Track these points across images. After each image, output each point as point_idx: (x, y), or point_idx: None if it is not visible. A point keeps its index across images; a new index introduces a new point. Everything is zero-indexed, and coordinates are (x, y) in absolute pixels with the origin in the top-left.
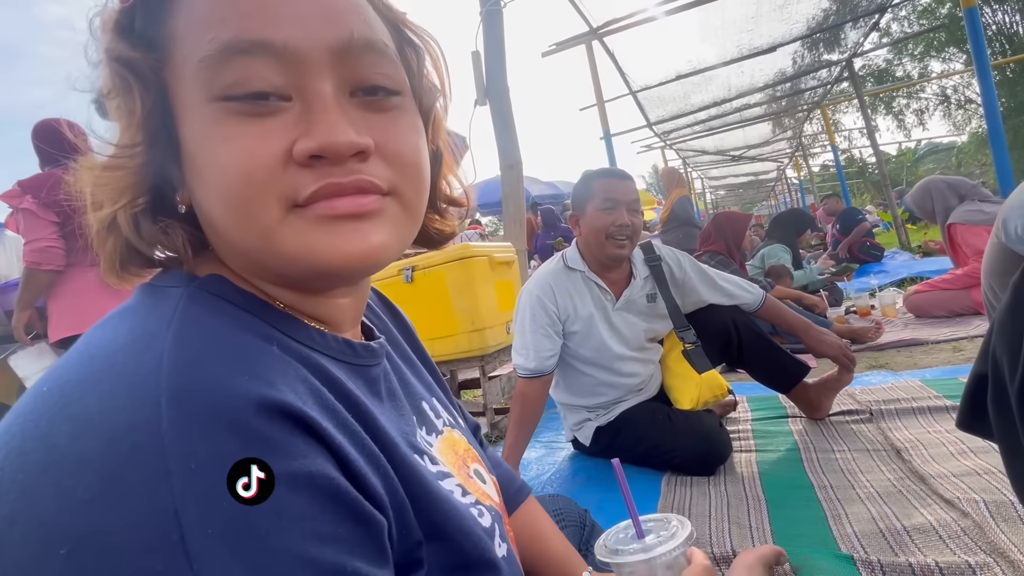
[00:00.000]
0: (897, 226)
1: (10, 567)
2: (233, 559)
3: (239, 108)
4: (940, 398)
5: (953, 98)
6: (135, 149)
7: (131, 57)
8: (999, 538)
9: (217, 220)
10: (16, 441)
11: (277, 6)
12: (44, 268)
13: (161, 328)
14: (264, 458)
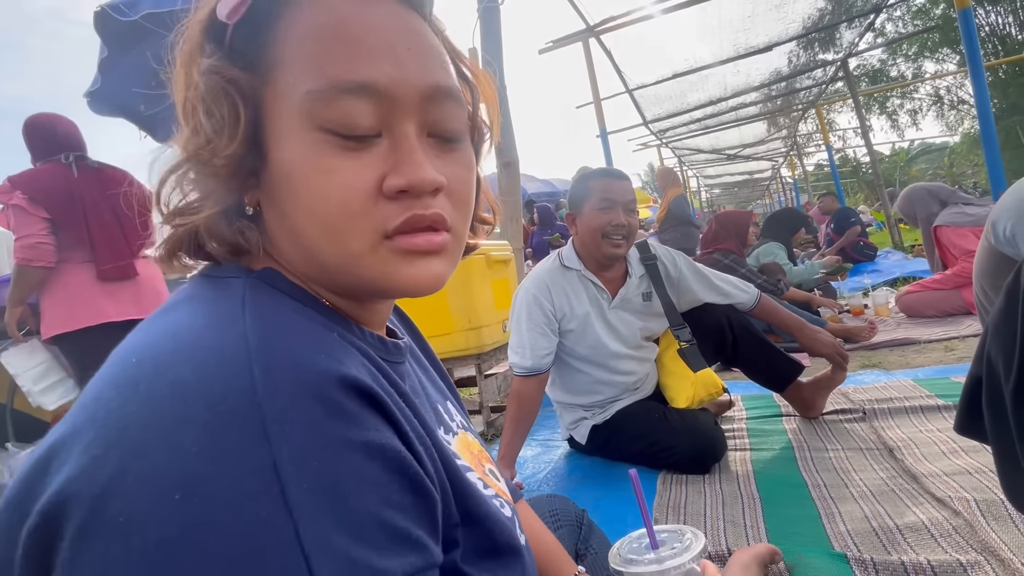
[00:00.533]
0: (890, 226)
1: (125, 511)
2: (323, 512)
3: (339, 142)
4: (932, 397)
5: (946, 99)
6: (231, 157)
7: (238, 77)
8: (990, 537)
9: (305, 236)
10: (115, 403)
11: (380, 51)
12: (35, 265)
13: (236, 310)
14: (344, 427)
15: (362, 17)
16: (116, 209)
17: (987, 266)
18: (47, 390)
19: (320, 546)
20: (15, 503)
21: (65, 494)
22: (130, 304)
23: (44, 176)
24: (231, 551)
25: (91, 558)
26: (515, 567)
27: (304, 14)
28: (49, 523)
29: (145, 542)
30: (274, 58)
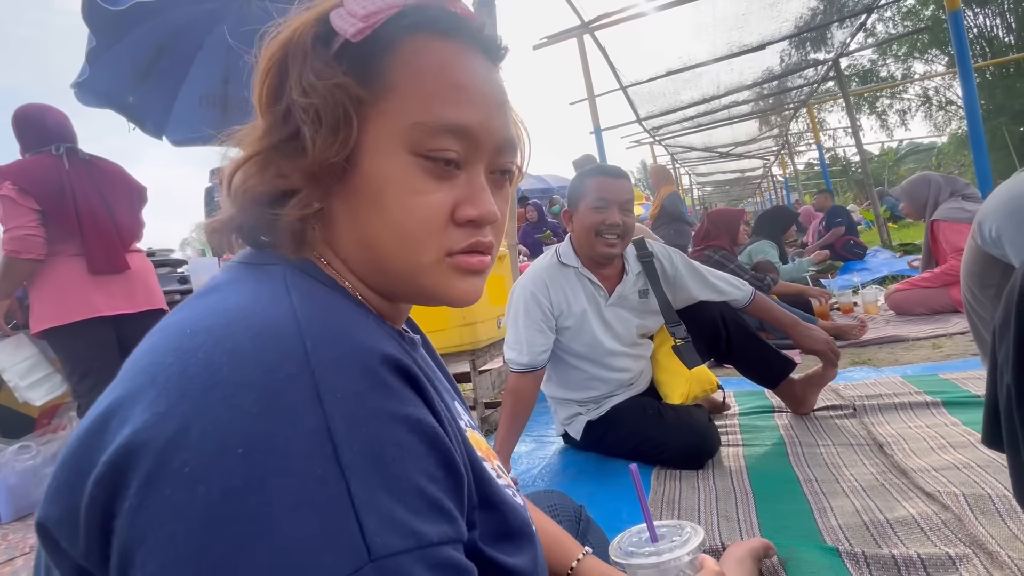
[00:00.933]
0: (879, 225)
1: (190, 462)
2: (371, 474)
3: (431, 168)
4: (921, 394)
5: (934, 99)
6: (332, 162)
7: (358, 93)
8: (978, 530)
9: (379, 241)
10: (176, 368)
11: (477, 102)
12: (24, 257)
13: (281, 291)
14: (387, 400)
15: (464, 68)
16: (107, 201)
17: (974, 266)
18: (34, 385)
19: (368, 503)
20: (77, 456)
21: (131, 446)
22: (121, 298)
23: (34, 167)
24: (290, 502)
25: (157, 504)
26: (528, 551)
27: (419, 53)
28: (115, 472)
29: (210, 491)
30: (388, 84)
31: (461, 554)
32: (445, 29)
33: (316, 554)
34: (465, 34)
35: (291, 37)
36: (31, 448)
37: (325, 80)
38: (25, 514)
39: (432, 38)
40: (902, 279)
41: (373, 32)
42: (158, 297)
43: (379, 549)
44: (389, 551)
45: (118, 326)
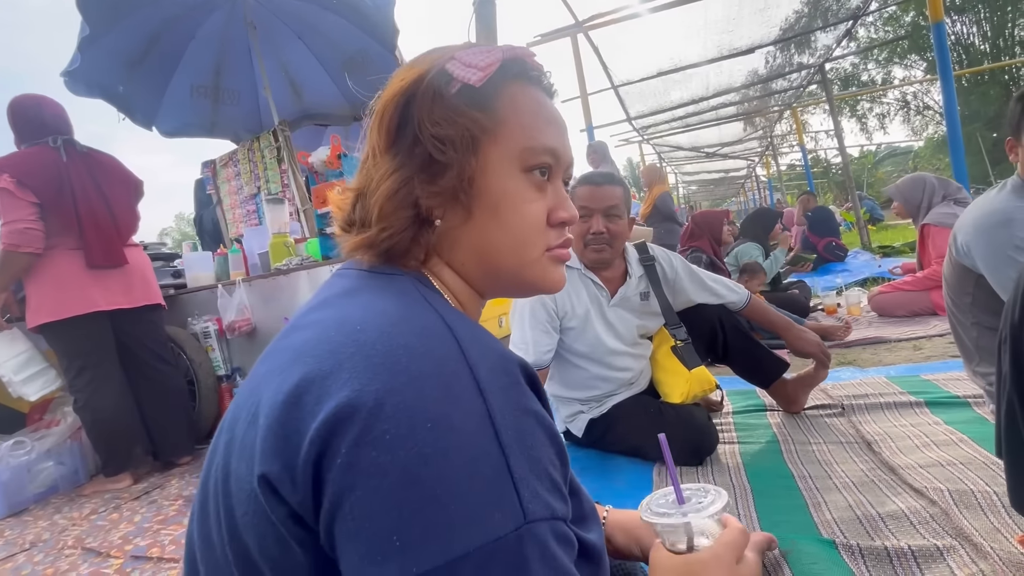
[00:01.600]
0: (860, 227)
1: (390, 431)
2: (520, 454)
3: (535, 182)
4: (904, 394)
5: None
6: (463, 182)
7: (483, 125)
8: (963, 524)
9: (495, 244)
10: (359, 356)
11: (560, 132)
12: (23, 251)
13: (421, 299)
14: (524, 398)
15: (549, 106)
16: (105, 195)
17: (951, 276)
18: (28, 380)
19: (522, 478)
20: (282, 422)
21: (339, 415)
22: (119, 293)
23: (33, 159)
24: (467, 469)
25: (365, 462)
26: (597, 528)
27: (518, 95)
28: (327, 435)
29: (408, 454)
30: (500, 118)
31: (570, 530)
32: (532, 78)
33: (488, 511)
34: (544, 82)
35: (413, 84)
36: (25, 443)
37: (454, 114)
38: (19, 510)
39: (525, 84)
40: (883, 282)
41: (488, 80)
42: (155, 292)
43: (531, 515)
44: (537, 517)
45: (115, 321)
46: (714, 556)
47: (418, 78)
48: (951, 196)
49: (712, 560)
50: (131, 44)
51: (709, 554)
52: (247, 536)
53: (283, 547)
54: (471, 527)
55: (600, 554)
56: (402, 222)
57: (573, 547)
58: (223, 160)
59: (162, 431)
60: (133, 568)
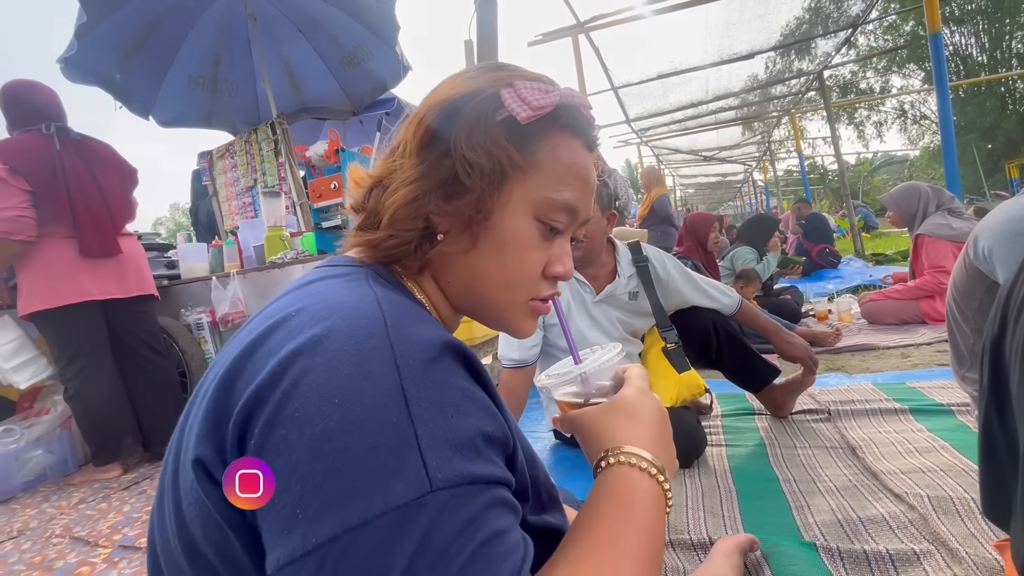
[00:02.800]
0: (853, 235)
1: (300, 409)
2: (434, 424)
3: (544, 233)
4: (890, 401)
5: (910, 113)
6: (483, 206)
7: (517, 163)
8: (940, 529)
9: (487, 278)
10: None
11: (585, 191)
12: (14, 238)
13: (365, 286)
14: (447, 372)
15: (585, 165)
16: (99, 183)
17: (962, 279)
18: (19, 368)
19: (431, 446)
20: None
21: (256, 396)
22: (112, 283)
23: (25, 146)
24: (370, 440)
25: (275, 441)
26: (558, 514)
27: (560, 144)
28: (246, 417)
29: (314, 429)
30: (535, 161)
31: (509, 494)
32: (580, 129)
33: (390, 481)
34: (590, 136)
35: (459, 100)
36: (15, 431)
37: (491, 144)
38: (7, 498)
39: (570, 134)
40: (874, 289)
41: (537, 120)
42: (148, 283)
43: (439, 482)
44: (446, 484)
45: (108, 311)
46: (639, 390)
47: (469, 94)
48: (945, 206)
49: (639, 393)
50: (128, 32)
51: (634, 389)
52: (192, 527)
53: (221, 532)
54: (371, 496)
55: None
56: (409, 233)
57: (511, 509)
58: (220, 151)
59: (153, 421)
60: (121, 557)
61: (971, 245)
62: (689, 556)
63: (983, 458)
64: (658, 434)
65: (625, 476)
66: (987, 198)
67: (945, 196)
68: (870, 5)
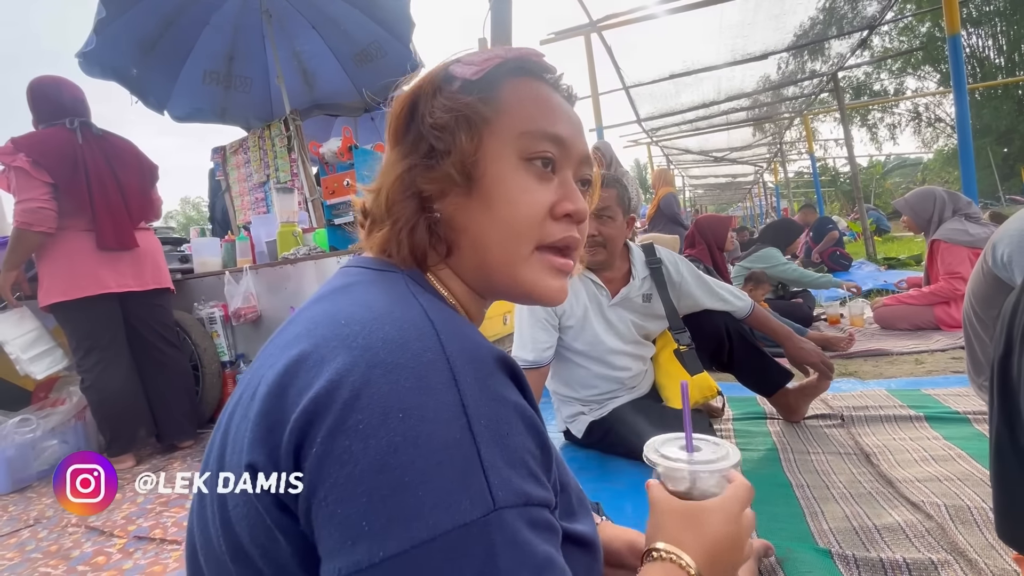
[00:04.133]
0: (866, 238)
1: (363, 421)
2: (493, 442)
3: (535, 171)
4: (904, 408)
5: (924, 115)
6: (463, 162)
7: (481, 112)
8: (958, 539)
9: (484, 236)
10: (341, 349)
11: (565, 121)
12: (35, 229)
13: (408, 295)
14: (502, 388)
15: (554, 97)
16: (119, 178)
17: (981, 288)
18: (36, 359)
19: (492, 465)
20: (267, 412)
21: (316, 405)
22: (130, 276)
23: (49, 140)
24: (436, 456)
25: (339, 451)
26: (587, 522)
27: (520, 87)
28: (304, 426)
29: (379, 443)
30: (500, 108)
31: (553, 518)
32: (537, 73)
33: (456, 497)
34: (551, 79)
35: (419, 85)
36: (31, 421)
37: (451, 103)
38: (23, 486)
39: (529, 79)
40: (887, 294)
41: (485, 73)
42: (165, 276)
43: (501, 501)
44: (507, 504)
45: (125, 303)
46: (721, 507)
47: (424, 80)
48: (961, 211)
49: (719, 511)
50: (146, 27)
51: (717, 503)
52: (239, 528)
53: (270, 536)
54: (438, 513)
55: (591, 542)
56: (408, 211)
57: (555, 532)
58: (233, 147)
59: (167, 414)
60: (136, 548)
61: (989, 252)
62: None
63: (996, 479)
64: (720, 556)
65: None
66: (1003, 203)
67: (962, 201)
68: (886, 6)
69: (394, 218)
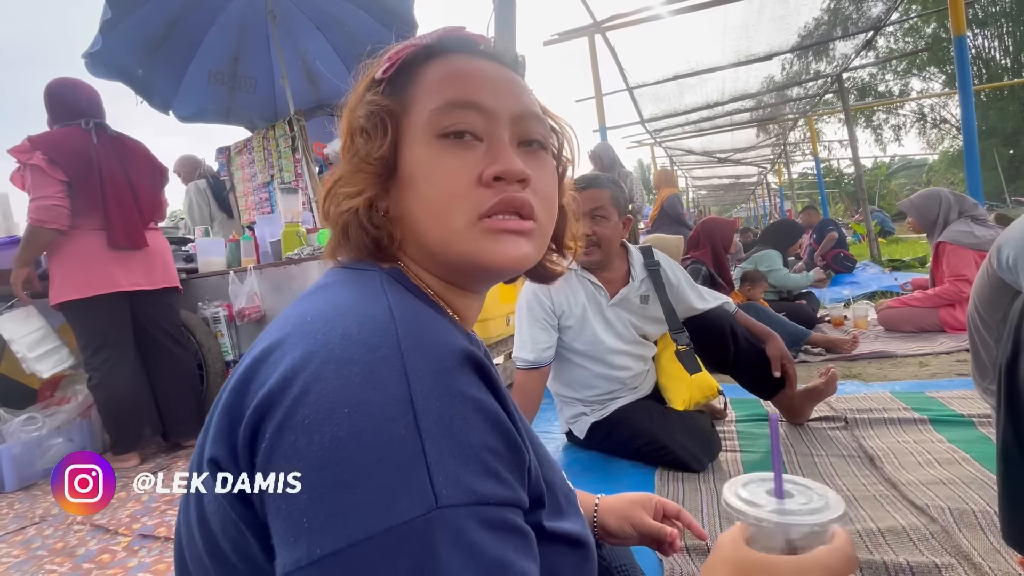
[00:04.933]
0: (870, 240)
1: (310, 416)
2: (442, 439)
3: (451, 143)
4: (908, 410)
5: (929, 117)
6: (380, 161)
7: (391, 107)
8: (962, 542)
9: (417, 220)
10: (300, 345)
11: (484, 85)
12: (49, 227)
13: (379, 292)
14: (459, 383)
15: (467, 64)
16: (131, 178)
17: (984, 290)
18: (42, 357)
19: (437, 462)
20: (230, 408)
21: (268, 400)
22: (140, 275)
23: (65, 139)
24: (378, 453)
25: (284, 446)
26: (575, 519)
27: (432, 69)
28: (257, 420)
29: (323, 437)
30: (412, 96)
31: (519, 518)
32: (455, 49)
33: (395, 495)
34: (472, 49)
35: (350, 98)
36: (37, 419)
37: (369, 104)
38: (29, 484)
39: (444, 58)
40: (891, 295)
41: (399, 67)
42: (173, 275)
43: (444, 499)
44: (452, 502)
45: (133, 302)
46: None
47: (352, 93)
48: (967, 212)
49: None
50: (151, 28)
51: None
52: (213, 523)
53: (238, 530)
54: (376, 511)
55: (582, 541)
56: (343, 216)
57: (519, 534)
58: (238, 147)
59: (172, 412)
60: (141, 546)
61: (994, 254)
62: (705, 561)
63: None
64: None
65: None
66: (1008, 204)
67: (967, 203)
68: (891, 7)
69: (333, 224)
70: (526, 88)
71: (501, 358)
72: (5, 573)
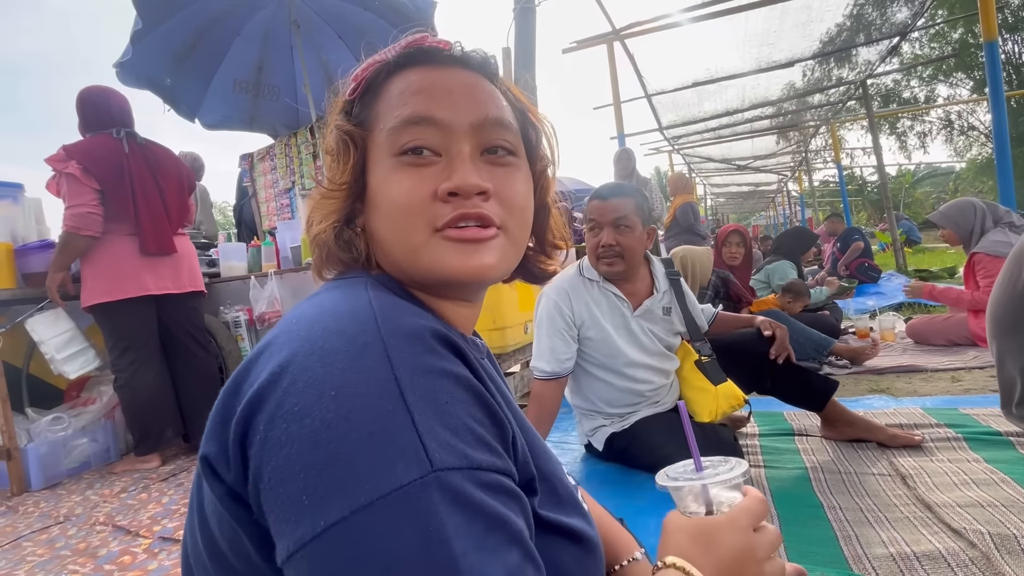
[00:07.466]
0: (895, 249)
1: (299, 403)
2: (429, 411)
3: (408, 160)
4: (941, 427)
5: (956, 123)
6: (344, 187)
7: (352, 131)
8: (1006, 570)
9: (382, 238)
10: (286, 343)
11: (440, 97)
12: (83, 234)
13: (362, 291)
14: (438, 360)
15: (432, 79)
16: (160, 185)
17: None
18: (70, 359)
19: (428, 431)
20: (222, 407)
21: (258, 395)
22: (169, 279)
23: (98, 148)
24: (368, 427)
25: (277, 434)
26: (575, 516)
27: (394, 84)
28: (248, 415)
29: (313, 420)
30: (375, 114)
31: (513, 485)
32: (417, 61)
33: (391, 462)
34: (435, 59)
35: (329, 115)
36: (63, 419)
37: (336, 129)
38: (54, 483)
39: (406, 73)
40: (919, 308)
41: (364, 86)
42: (199, 280)
43: (439, 463)
44: (447, 465)
45: (160, 305)
46: (729, 520)
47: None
48: (1002, 221)
49: (727, 524)
50: (180, 38)
51: (725, 518)
52: (212, 522)
53: (232, 528)
54: (373, 479)
55: (588, 538)
56: (322, 235)
57: (515, 499)
58: (260, 154)
59: (195, 415)
60: (161, 548)
61: (1017, 269)
62: None
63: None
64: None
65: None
66: None
67: (1000, 211)
68: (917, 12)
69: (313, 244)
70: (491, 92)
71: (518, 367)
72: (30, 572)
